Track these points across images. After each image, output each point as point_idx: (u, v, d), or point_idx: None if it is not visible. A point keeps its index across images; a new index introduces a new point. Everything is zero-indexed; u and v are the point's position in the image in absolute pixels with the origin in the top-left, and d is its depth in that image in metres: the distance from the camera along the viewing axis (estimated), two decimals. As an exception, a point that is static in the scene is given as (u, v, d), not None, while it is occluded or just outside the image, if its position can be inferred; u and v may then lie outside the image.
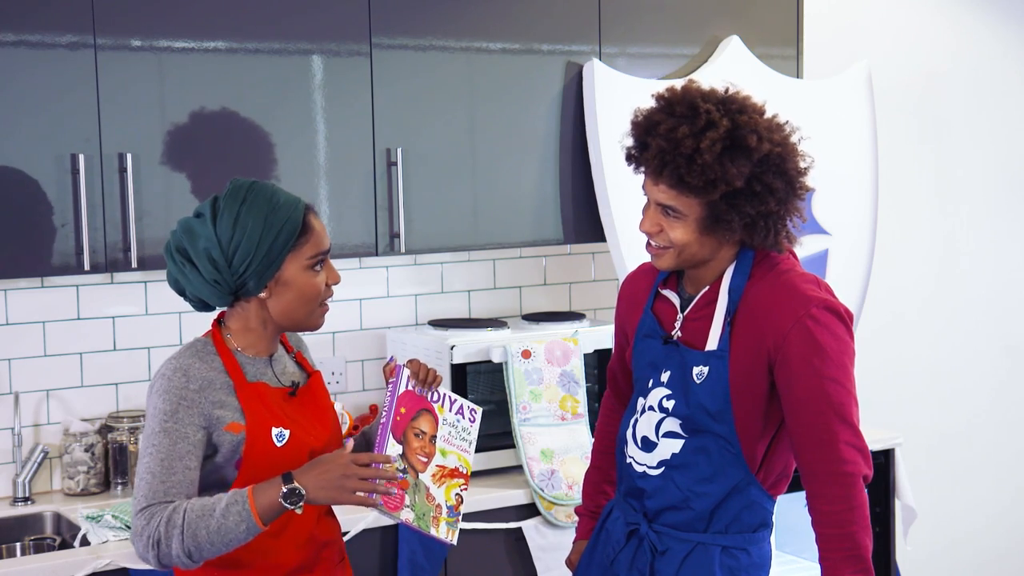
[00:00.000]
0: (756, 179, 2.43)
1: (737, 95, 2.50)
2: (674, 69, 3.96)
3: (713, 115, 2.42)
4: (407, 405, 2.46)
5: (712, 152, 2.39)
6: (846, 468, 2.41)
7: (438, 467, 2.48)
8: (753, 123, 2.43)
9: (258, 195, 2.37)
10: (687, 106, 2.45)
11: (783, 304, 2.46)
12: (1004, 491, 5.25)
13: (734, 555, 2.56)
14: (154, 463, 2.30)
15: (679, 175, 2.42)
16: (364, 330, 3.94)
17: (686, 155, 2.40)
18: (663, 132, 2.43)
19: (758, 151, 2.42)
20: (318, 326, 2.47)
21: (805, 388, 2.43)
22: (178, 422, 2.31)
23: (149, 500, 2.28)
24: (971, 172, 5.07)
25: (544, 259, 4.21)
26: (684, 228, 2.48)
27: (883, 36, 4.77)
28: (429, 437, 2.48)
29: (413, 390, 2.48)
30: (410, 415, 2.46)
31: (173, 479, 2.29)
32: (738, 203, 2.43)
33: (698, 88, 2.50)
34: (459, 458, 2.51)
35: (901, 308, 4.93)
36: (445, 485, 2.48)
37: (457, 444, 2.51)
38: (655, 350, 2.60)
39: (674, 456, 2.56)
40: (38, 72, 3.11)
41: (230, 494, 2.26)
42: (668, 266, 2.55)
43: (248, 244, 2.33)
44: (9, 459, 3.47)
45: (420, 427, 2.47)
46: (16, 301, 3.47)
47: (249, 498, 2.24)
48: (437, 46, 3.60)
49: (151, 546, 2.26)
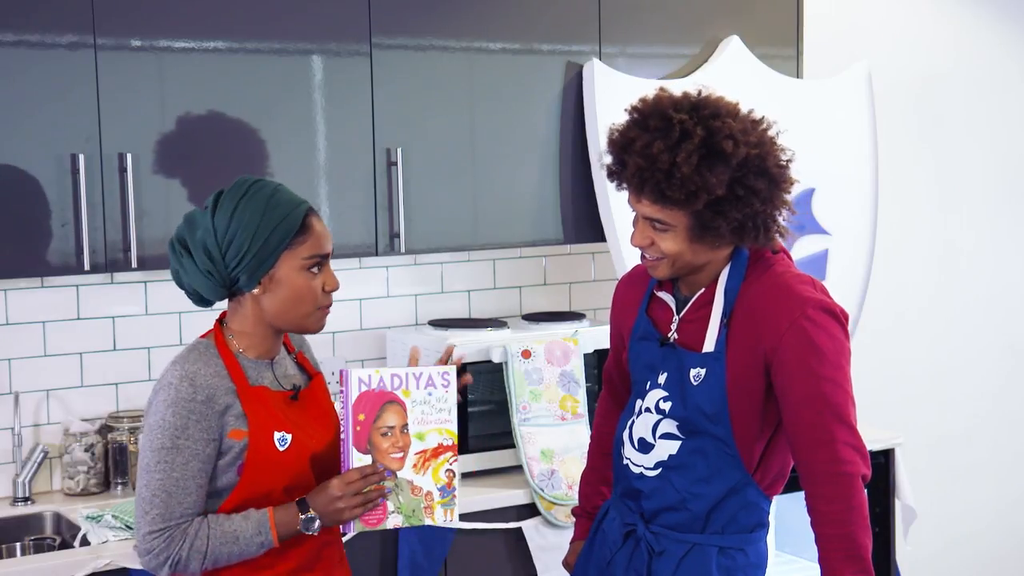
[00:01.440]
0: (738, 183, 2.42)
1: (709, 98, 2.48)
2: (674, 69, 3.96)
3: (687, 124, 2.41)
4: (366, 409, 2.38)
5: (689, 164, 2.38)
6: (844, 468, 2.41)
7: (417, 454, 2.41)
8: (727, 128, 2.41)
9: (259, 191, 2.37)
10: (659, 118, 2.44)
11: (779, 305, 2.46)
12: (1004, 491, 5.26)
13: (731, 555, 2.56)
14: (168, 482, 2.31)
15: (660, 190, 2.42)
16: (364, 330, 3.93)
17: (664, 170, 2.40)
18: (639, 149, 2.43)
19: (736, 156, 2.41)
20: (316, 330, 2.45)
21: (802, 389, 2.43)
22: (189, 438, 2.31)
23: (167, 521, 2.31)
24: (971, 172, 5.07)
25: (544, 259, 4.21)
26: (674, 239, 2.48)
27: (883, 36, 4.77)
28: (400, 428, 2.40)
29: (370, 389, 2.38)
30: (371, 417, 2.38)
31: (188, 500, 2.32)
32: (723, 209, 2.43)
33: (669, 97, 2.48)
34: (440, 432, 2.42)
35: (901, 308, 4.93)
36: (431, 467, 2.42)
37: (435, 419, 2.42)
38: (652, 352, 2.60)
39: (671, 457, 2.56)
40: (38, 72, 3.11)
41: (255, 523, 2.33)
42: (665, 275, 2.55)
43: (243, 237, 2.33)
44: (9, 459, 3.47)
45: (386, 424, 2.39)
46: (16, 301, 3.47)
47: (272, 531, 2.34)
48: (437, 46, 3.60)
49: (169, 566, 2.32)
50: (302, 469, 2.41)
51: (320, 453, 2.44)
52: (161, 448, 2.31)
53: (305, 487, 2.42)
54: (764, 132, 2.49)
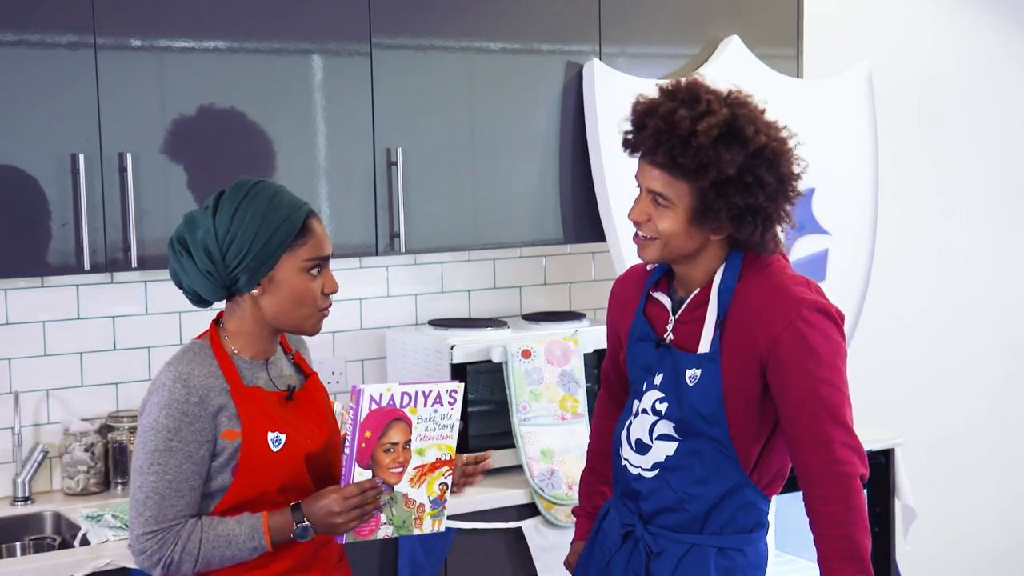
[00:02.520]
0: (748, 170, 2.43)
1: (740, 94, 2.52)
2: (674, 69, 3.96)
3: (713, 104, 2.45)
4: (373, 426, 2.38)
5: (708, 136, 2.40)
6: (842, 469, 2.41)
7: (415, 469, 2.43)
8: (752, 116, 2.46)
9: (261, 192, 2.37)
10: (689, 94, 2.48)
11: (774, 306, 2.46)
12: (1004, 491, 5.25)
13: (730, 556, 2.56)
14: (162, 484, 2.31)
15: (672, 156, 2.43)
16: (364, 330, 3.94)
17: (682, 136, 2.42)
18: (662, 113, 2.45)
19: (754, 142, 2.43)
20: (314, 332, 2.46)
21: (798, 390, 2.43)
22: (182, 440, 2.31)
23: (159, 523, 2.31)
24: (971, 172, 5.07)
25: (544, 259, 4.21)
26: (673, 217, 2.48)
27: (883, 36, 4.77)
28: (402, 444, 2.41)
29: (380, 406, 2.39)
30: (377, 434, 2.39)
31: (182, 502, 2.33)
32: (728, 192, 2.43)
33: (703, 82, 2.53)
34: (440, 448, 2.44)
35: (901, 308, 4.93)
36: (426, 482, 2.44)
37: (436, 435, 2.43)
38: (648, 353, 2.60)
39: (668, 458, 2.56)
40: (38, 72, 3.11)
41: (249, 527, 2.33)
42: (653, 258, 2.54)
43: (243, 238, 2.33)
44: (9, 459, 3.47)
45: (391, 440, 2.39)
46: (16, 301, 3.47)
47: (266, 536, 2.34)
48: (437, 46, 3.60)
49: (162, 567, 2.33)
50: (297, 469, 2.41)
51: (315, 453, 2.44)
52: (155, 450, 2.31)
53: (300, 487, 2.42)
54: (786, 137, 2.52)
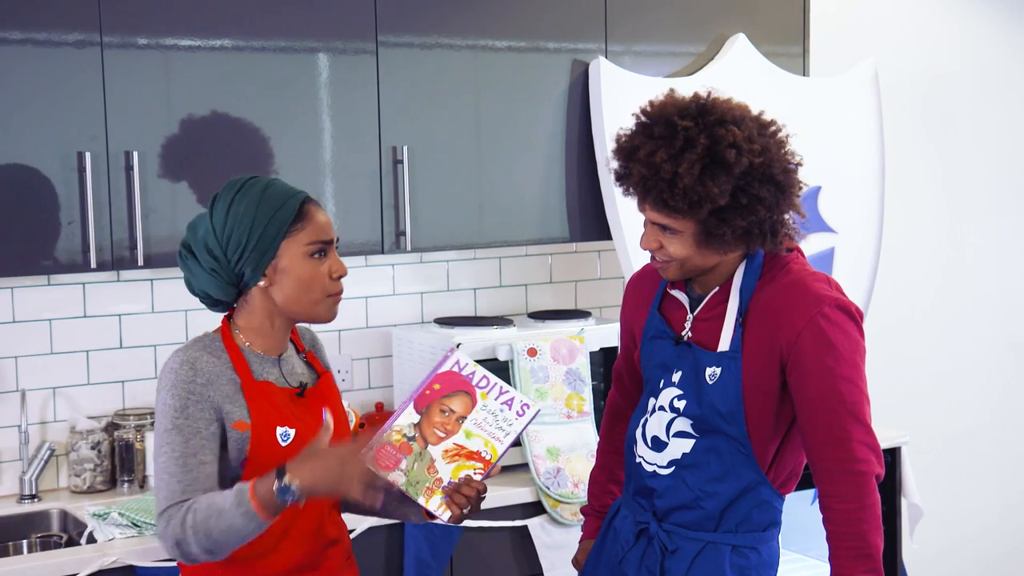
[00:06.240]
0: (741, 192, 2.42)
1: (716, 102, 2.47)
2: (680, 67, 3.96)
3: (691, 132, 2.41)
4: (445, 384, 2.45)
5: (691, 175, 2.38)
6: (859, 467, 2.41)
7: (456, 445, 2.43)
8: (731, 136, 2.40)
9: (254, 185, 2.38)
10: (664, 125, 2.44)
11: (795, 304, 2.46)
12: (1011, 489, 5.25)
13: (744, 554, 2.56)
14: (170, 463, 2.30)
15: (663, 200, 2.42)
16: (370, 328, 3.94)
17: (667, 180, 2.40)
18: (642, 158, 2.44)
19: (738, 165, 2.40)
20: (329, 318, 2.44)
21: (818, 387, 2.43)
22: (189, 417, 2.31)
23: (169, 501, 2.29)
24: (977, 170, 5.07)
25: (550, 257, 4.21)
26: (681, 243, 2.48)
27: (889, 34, 4.77)
28: (457, 417, 2.44)
29: (460, 372, 2.46)
30: (444, 392, 2.45)
31: (189, 477, 2.30)
32: (727, 217, 2.43)
33: (675, 102, 2.48)
34: (486, 443, 2.45)
35: (908, 306, 4.92)
36: (456, 464, 2.43)
37: (489, 431, 2.45)
38: (666, 351, 2.60)
39: (685, 456, 2.56)
40: (45, 70, 3.11)
41: (235, 492, 2.25)
42: (675, 277, 2.56)
43: (240, 230, 2.34)
44: (16, 457, 3.48)
45: (450, 405, 2.44)
46: (23, 299, 3.48)
47: (251, 498, 2.22)
48: (443, 44, 3.60)
49: (175, 546, 2.28)
50: None
51: None
52: (164, 431, 2.32)
53: None
54: (771, 138, 2.47)
